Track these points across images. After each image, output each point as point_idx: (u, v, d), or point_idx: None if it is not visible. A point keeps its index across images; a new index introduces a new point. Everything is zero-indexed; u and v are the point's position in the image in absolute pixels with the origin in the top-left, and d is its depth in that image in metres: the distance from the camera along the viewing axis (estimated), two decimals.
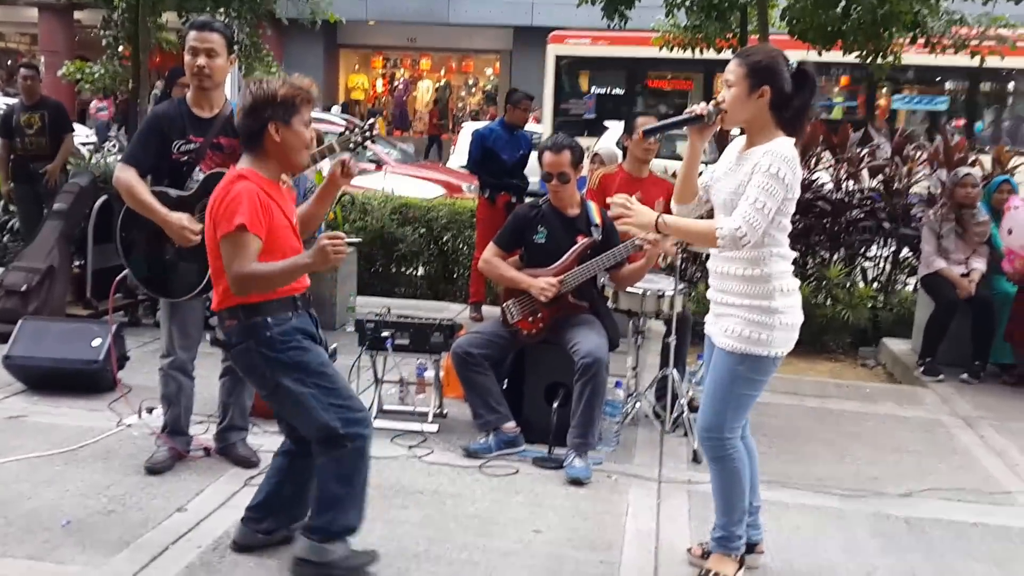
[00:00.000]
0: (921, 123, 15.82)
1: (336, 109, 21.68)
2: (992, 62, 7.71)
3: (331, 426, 3.19)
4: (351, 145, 4.17)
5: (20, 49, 25.55)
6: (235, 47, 4.19)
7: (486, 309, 7.36)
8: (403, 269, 8.61)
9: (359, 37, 26.59)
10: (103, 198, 6.18)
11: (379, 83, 28.53)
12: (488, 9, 23.45)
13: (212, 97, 4.08)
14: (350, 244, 6.29)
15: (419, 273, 8.60)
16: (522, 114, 7.48)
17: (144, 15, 7.66)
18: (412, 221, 8.36)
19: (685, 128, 3.25)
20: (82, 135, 13.34)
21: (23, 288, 5.92)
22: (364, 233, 8.27)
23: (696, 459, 4.56)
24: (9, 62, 8.86)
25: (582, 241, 4.64)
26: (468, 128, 16.75)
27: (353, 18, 24.65)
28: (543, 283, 4.54)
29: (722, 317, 3.26)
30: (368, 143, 4.26)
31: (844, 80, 16.12)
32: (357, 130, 4.18)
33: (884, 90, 15.53)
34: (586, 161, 6.18)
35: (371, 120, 4.29)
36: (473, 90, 28.55)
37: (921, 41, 6.86)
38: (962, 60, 7.80)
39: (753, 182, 3.05)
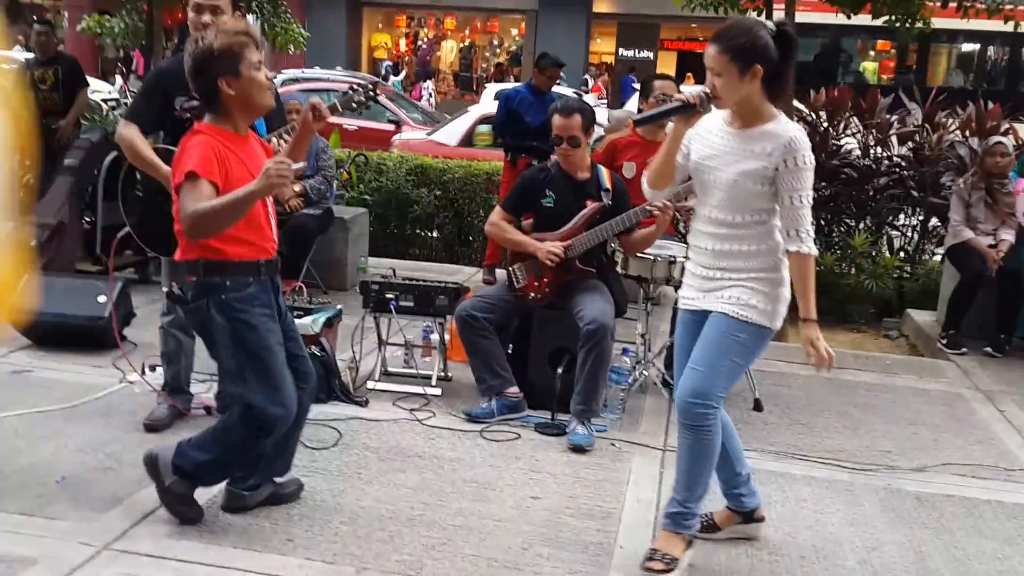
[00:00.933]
0: None
1: (339, 69, 21.42)
2: None
3: (227, 401, 3.32)
4: (353, 104, 4.07)
5: (44, 4, 25.52)
6: (241, 3, 4.07)
7: (499, 273, 7.28)
8: (418, 231, 8.53)
9: None
10: (113, 154, 6.13)
11: (402, 43, 28.30)
12: None
13: None
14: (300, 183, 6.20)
15: (434, 235, 8.53)
16: (547, 80, 7.38)
17: None
18: (427, 183, 8.27)
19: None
20: (104, 91, 13.29)
21: (32, 243, 5.89)
22: (379, 194, 8.20)
23: None
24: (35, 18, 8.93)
25: (591, 206, 4.52)
26: (491, 89, 16.56)
27: None
28: (549, 246, 4.44)
29: (724, 288, 3.13)
30: (371, 102, 4.15)
31: None
32: (360, 89, 4.07)
33: None
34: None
35: (374, 80, 4.20)
36: (498, 51, 28.26)
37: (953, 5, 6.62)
38: None
39: (794, 183, 2.99)
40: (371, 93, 4.07)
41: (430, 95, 22.37)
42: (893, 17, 6.67)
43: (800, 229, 3.02)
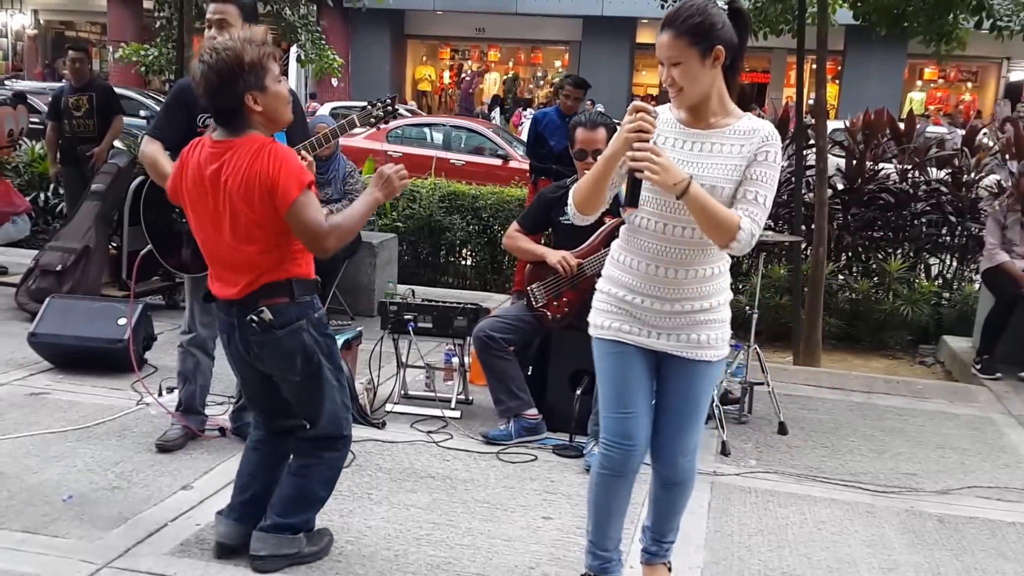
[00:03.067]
0: None
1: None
2: None
3: (340, 426, 3.13)
4: (372, 120, 4.08)
5: (91, 39, 26.26)
6: (256, 18, 4.10)
7: None
8: (451, 258, 8.54)
9: (427, 27, 26.71)
10: (139, 179, 6.23)
11: (446, 74, 28.57)
12: None
13: None
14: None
15: (467, 263, 8.52)
16: (565, 100, 7.38)
17: None
18: (460, 210, 8.28)
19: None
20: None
21: (58, 268, 5.99)
22: (412, 221, 8.22)
23: (725, 451, 4.39)
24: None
25: (610, 222, 4.47)
26: (530, 118, 16.65)
27: (421, 8, 24.91)
28: (563, 253, 4.41)
29: (694, 328, 2.74)
30: (391, 117, 4.16)
31: None
32: (379, 105, 4.09)
33: None
34: None
35: (392, 95, 4.20)
36: (541, 82, 28.41)
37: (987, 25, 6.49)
38: None
39: (760, 176, 2.61)
40: (390, 108, 4.08)
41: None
42: (927, 37, 6.56)
43: (748, 217, 2.58)
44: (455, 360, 5.00)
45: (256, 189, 2.81)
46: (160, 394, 4.60)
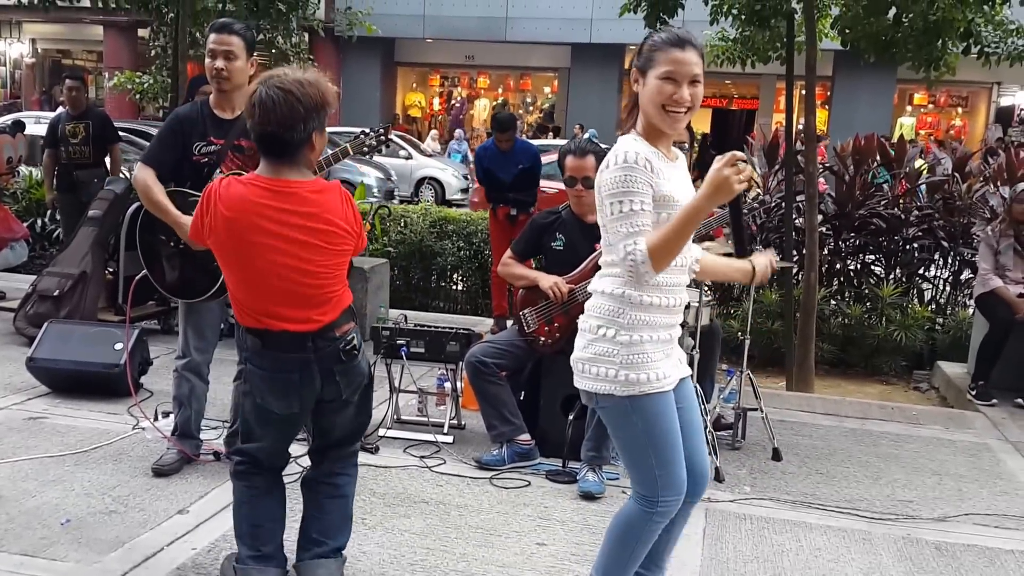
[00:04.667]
0: None
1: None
2: None
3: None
4: (364, 149, 4.12)
5: (87, 67, 26.35)
6: (255, 50, 4.15)
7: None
8: (442, 283, 8.56)
9: (417, 55, 26.88)
10: (135, 204, 6.25)
11: (436, 101, 28.72)
12: (546, 27, 23.48)
13: (233, 99, 4.05)
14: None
15: (458, 287, 8.54)
16: (500, 138, 7.29)
17: (185, 26, 7.77)
18: (451, 235, 8.31)
19: None
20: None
21: (55, 293, 6.00)
22: (403, 246, 8.25)
23: (719, 478, 4.39)
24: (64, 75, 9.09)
25: (601, 249, 4.50)
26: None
27: (411, 36, 25.07)
28: (555, 278, 4.44)
29: (677, 345, 2.77)
30: (384, 146, 4.20)
31: None
32: (371, 134, 4.12)
33: None
34: None
35: (385, 125, 4.24)
36: (531, 108, 28.57)
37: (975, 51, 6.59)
38: None
39: None
40: (382, 137, 4.12)
41: None
42: (916, 63, 6.64)
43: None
44: (447, 385, 5.01)
45: (349, 234, 2.89)
46: (156, 418, 4.60)
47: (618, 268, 2.60)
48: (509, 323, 6.70)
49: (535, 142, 17.51)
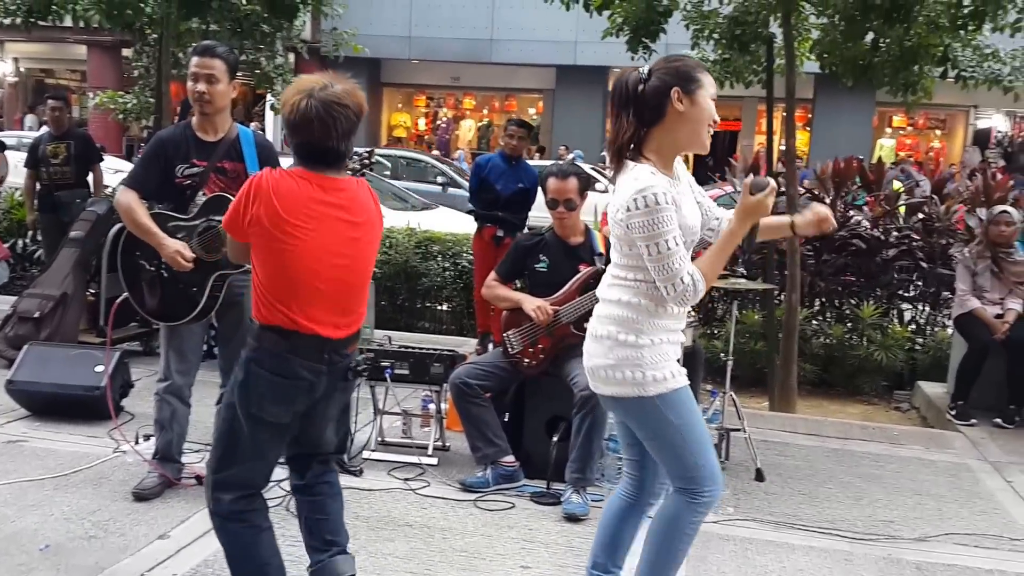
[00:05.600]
0: None
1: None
2: None
3: None
4: (348, 172, 4.12)
5: (71, 86, 26.28)
6: (237, 72, 4.15)
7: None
8: (427, 304, 8.55)
9: (402, 75, 26.95)
10: (118, 226, 6.23)
11: (422, 122, 28.80)
12: (531, 48, 23.61)
13: (216, 121, 4.06)
14: None
15: (443, 308, 8.54)
16: (509, 140, 7.11)
17: (168, 46, 7.78)
18: (436, 256, 8.32)
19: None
20: (114, 166, 13.56)
21: (36, 315, 5.96)
22: (388, 267, 8.24)
23: None
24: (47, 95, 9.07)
25: (585, 270, 4.53)
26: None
27: (397, 57, 25.15)
28: (539, 301, 4.45)
29: None
30: (367, 169, 4.21)
31: None
32: (355, 158, 4.11)
33: None
34: None
35: (368, 149, 4.24)
36: None
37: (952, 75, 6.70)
38: None
39: None
40: (366, 160, 4.12)
41: None
42: (893, 87, 6.74)
43: None
44: (432, 407, 5.00)
45: (379, 224, 3.01)
46: (137, 442, 4.57)
47: (633, 279, 2.75)
48: (490, 345, 6.71)
49: None
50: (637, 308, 2.73)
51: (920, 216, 8.13)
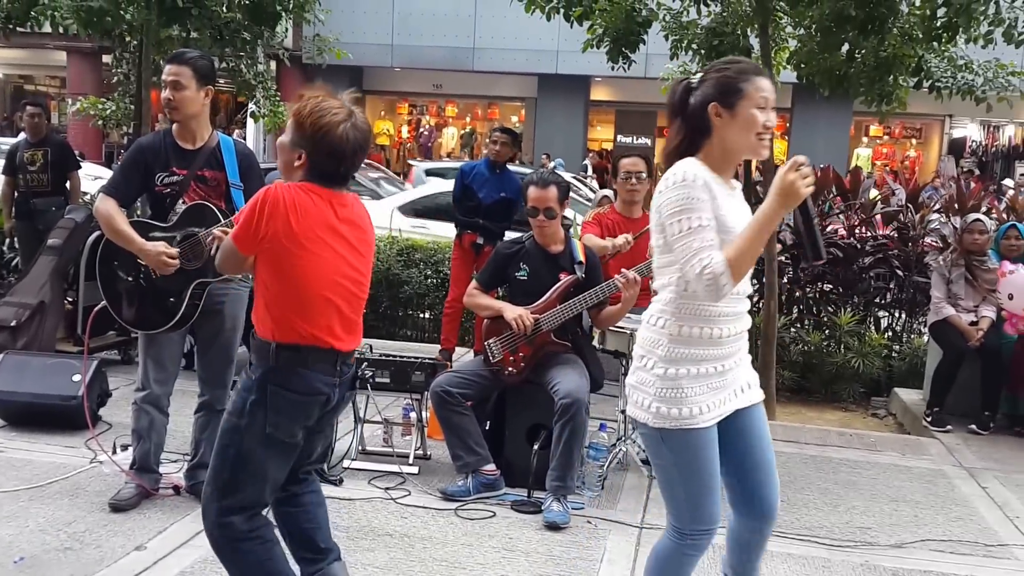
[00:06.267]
0: None
1: None
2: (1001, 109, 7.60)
3: None
4: None
5: (50, 92, 26.10)
6: (212, 79, 4.12)
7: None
8: (409, 311, 8.54)
9: (385, 83, 26.94)
10: (96, 233, 6.20)
11: (404, 129, 28.80)
12: (513, 57, 23.68)
13: (194, 129, 4.05)
14: None
15: (425, 316, 8.53)
16: (493, 146, 7.11)
17: (149, 53, 7.76)
18: (418, 263, 8.32)
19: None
20: (94, 172, 13.47)
21: (12, 323, 5.90)
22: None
23: None
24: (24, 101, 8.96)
25: (565, 279, 4.55)
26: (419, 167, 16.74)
27: (380, 64, 25.16)
28: (519, 310, 4.46)
29: (742, 369, 2.75)
30: None
31: None
32: None
33: None
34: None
35: None
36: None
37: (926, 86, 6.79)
38: None
39: None
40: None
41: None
42: (868, 97, 6.81)
43: None
44: (413, 415, 5.00)
45: (374, 243, 3.05)
46: (114, 452, 4.54)
47: (663, 285, 2.65)
48: (471, 357, 6.68)
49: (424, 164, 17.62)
50: (660, 330, 2.63)
51: (896, 224, 8.21)
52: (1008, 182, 19.82)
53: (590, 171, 22.83)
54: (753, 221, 2.53)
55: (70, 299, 6.43)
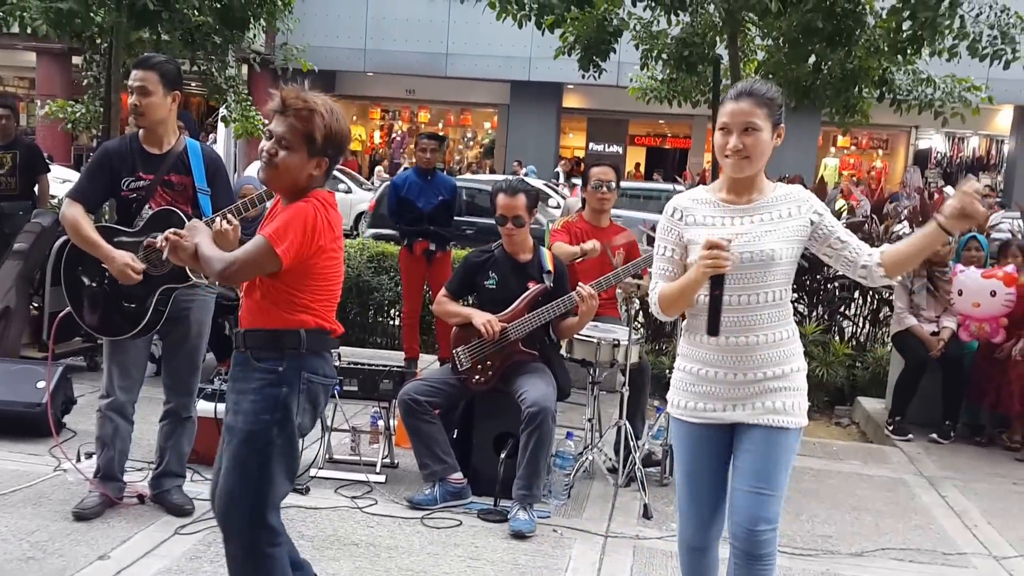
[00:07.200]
0: None
1: None
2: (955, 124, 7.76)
3: None
4: (242, 212, 3.90)
5: (19, 93, 25.80)
6: (179, 84, 4.10)
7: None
8: (379, 318, 8.54)
9: (357, 87, 26.91)
10: (62, 239, 6.15)
11: (377, 134, 28.77)
12: (486, 64, 23.74)
13: (161, 134, 4.03)
14: None
15: (395, 323, 8.52)
16: (421, 154, 7.12)
17: (119, 55, 7.70)
18: (388, 270, 8.31)
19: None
20: (62, 175, 13.36)
21: None
22: None
23: (647, 515, 4.45)
24: None
25: (533, 288, 4.58)
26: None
27: (352, 69, 25.12)
28: (488, 316, 4.48)
29: (768, 395, 2.80)
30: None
31: None
32: (255, 199, 3.93)
33: None
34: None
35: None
36: (471, 143, 28.78)
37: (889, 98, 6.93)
38: None
39: (832, 223, 2.81)
40: (263, 198, 3.94)
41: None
42: (833, 109, 6.94)
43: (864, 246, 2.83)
44: (381, 423, 5.00)
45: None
46: (78, 460, 4.49)
47: None
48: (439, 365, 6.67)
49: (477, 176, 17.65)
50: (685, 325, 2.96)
51: (860, 235, 8.30)
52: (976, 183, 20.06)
53: (562, 178, 22.93)
54: (680, 281, 2.81)
55: (36, 304, 6.37)
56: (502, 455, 4.47)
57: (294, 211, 2.79)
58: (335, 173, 17.28)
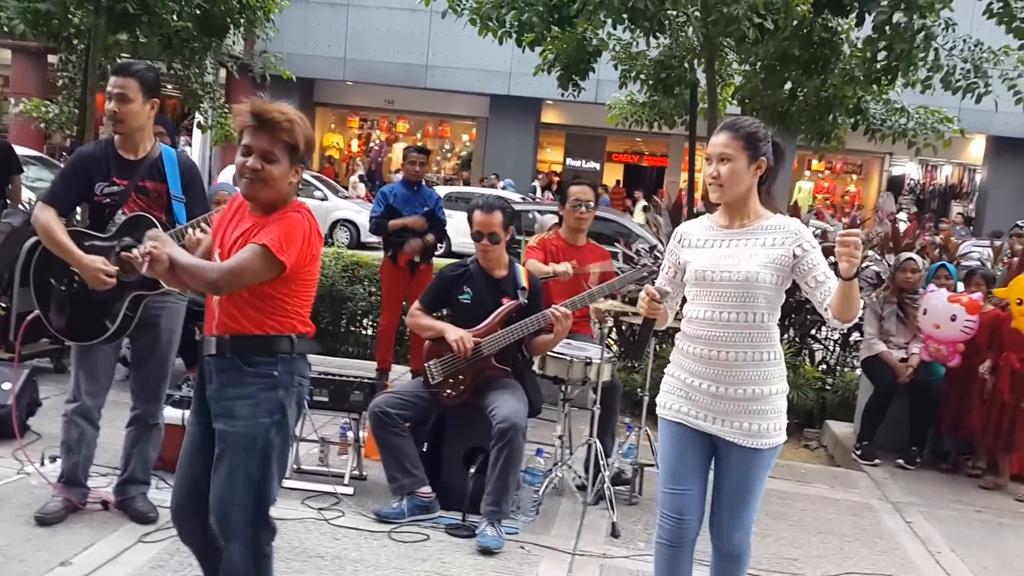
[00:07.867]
0: None
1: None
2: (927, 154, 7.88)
3: None
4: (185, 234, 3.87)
5: None
6: (158, 91, 4.08)
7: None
8: (352, 328, 8.51)
9: (336, 96, 26.87)
10: (32, 240, 6.07)
11: (355, 143, 28.72)
12: (465, 76, 23.78)
13: (136, 140, 4.01)
14: None
15: (368, 333, 8.50)
16: (410, 167, 7.20)
17: (96, 57, 7.64)
18: (363, 279, 8.29)
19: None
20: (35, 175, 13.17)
21: None
22: None
23: (615, 533, 4.45)
24: None
25: (507, 304, 4.58)
26: (439, 192, 16.77)
27: (331, 78, 25.09)
28: (461, 332, 4.47)
29: (747, 416, 3.04)
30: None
31: None
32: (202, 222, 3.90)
33: None
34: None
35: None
36: (449, 155, 28.81)
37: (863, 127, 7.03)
38: None
39: (816, 260, 2.98)
40: (206, 223, 3.88)
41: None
42: (808, 135, 7.02)
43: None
44: (350, 434, 4.98)
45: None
46: (42, 463, 4.45)
47: None
48: (410, 377, 6.66)
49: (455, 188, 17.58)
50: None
51: (831, 260, 8.38)
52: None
53: (539, 193, 22.99)
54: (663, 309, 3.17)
55: (3, 304, 6.28)
56: (472, 470, 4.46)
57: (290, 221, 2.84)
58: (311, 180, 17.21)
